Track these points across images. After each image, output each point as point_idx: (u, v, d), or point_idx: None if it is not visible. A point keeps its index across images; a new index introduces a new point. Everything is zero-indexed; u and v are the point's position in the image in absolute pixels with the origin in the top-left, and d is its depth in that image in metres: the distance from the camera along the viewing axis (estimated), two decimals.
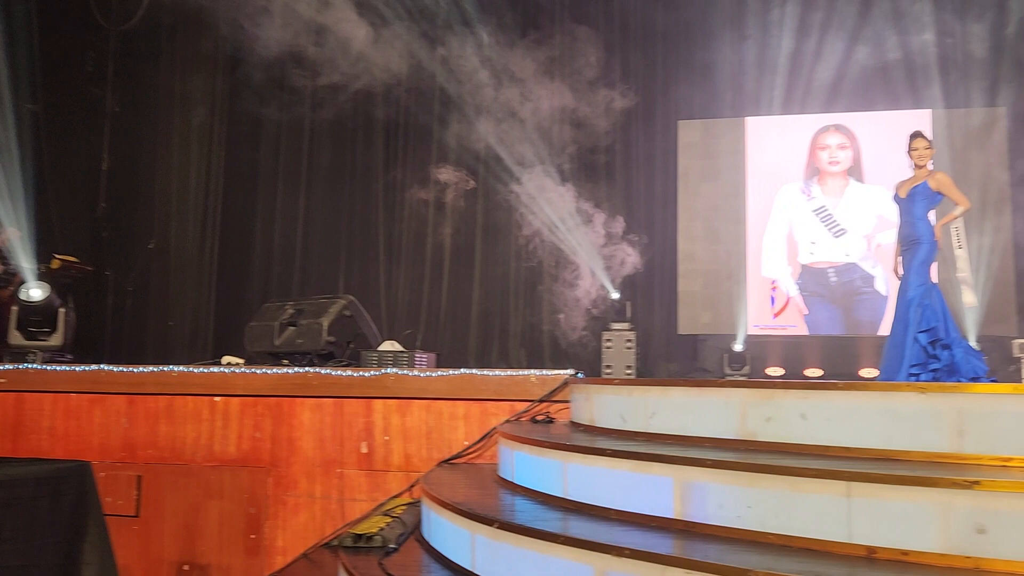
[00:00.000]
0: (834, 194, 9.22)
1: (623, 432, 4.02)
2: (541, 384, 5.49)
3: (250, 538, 5.88)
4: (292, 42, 9.46)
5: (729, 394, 3.55)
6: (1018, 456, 2.91)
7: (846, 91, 9.22)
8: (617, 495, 3.37)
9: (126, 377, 6.24)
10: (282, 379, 5.95)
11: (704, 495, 3.06)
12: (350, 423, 5.78)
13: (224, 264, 10.22)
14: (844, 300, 9.05)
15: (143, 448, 6.13)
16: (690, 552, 2.77)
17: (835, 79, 9.21)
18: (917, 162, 5.27)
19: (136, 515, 6.05)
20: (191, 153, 10.22)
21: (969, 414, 3.02)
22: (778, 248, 9.23)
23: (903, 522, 2.64)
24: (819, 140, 9.33)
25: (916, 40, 9.04)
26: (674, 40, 9.63)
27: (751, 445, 3.42)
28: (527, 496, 3.94)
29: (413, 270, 9.96)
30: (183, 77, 10.31)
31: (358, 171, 10.24)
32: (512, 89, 9.60)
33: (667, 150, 9.65)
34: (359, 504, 5.60)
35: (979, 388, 3.26)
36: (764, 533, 2.87)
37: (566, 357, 9.32)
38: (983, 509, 2.55)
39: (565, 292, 9.59)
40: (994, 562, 2.51)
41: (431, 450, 5.59)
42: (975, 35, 8.92)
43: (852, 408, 3.22)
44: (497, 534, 3.26)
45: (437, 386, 5.67)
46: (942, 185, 5.17)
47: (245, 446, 5.95)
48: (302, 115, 10.02)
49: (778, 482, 2.88)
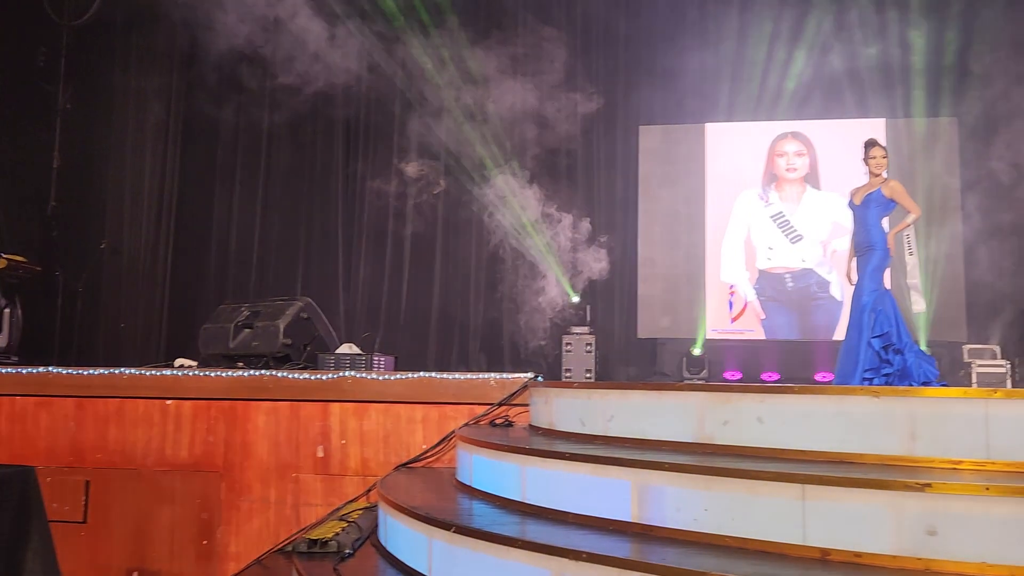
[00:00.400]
0: (791, 200, 9.36)
1: (582, 436, 4.01)
2: (500, 387, 5.47)
3: (202, 544, 5.77)
4: (249, 40, 9.33)
5: (687, 398, 3.57)
6: (968, 459, 2.96)
7: (804, 99, 9.38)
8: (575, 498, 3.36)
9: (75, 380, 6.08)
10: (236, 382, 5.84)
11: (661, 498, 3.07)
12: (306, 427, 5.70)
13: (178, 265, 10.05)
14: (800, 305, 9.18)
15: (91, 452, 5.97)
16: (647, 555, 2.77)
17: (793, 87, 9.36)
18: (873, 170, 5.35)
19: (83, 521, 5.89)
20: (145, 151, 10.03)
21: (920, 417, 3.06)
22: (736, 253, 9.34)
23: (856, 524, 2.66)
24: (777, 147, 9.46)
25: (872, 51, 9.23)
26: (635, 46, 9.70)
27: (708, 448, 3.43)
28: (485, 500, 3.92)
29: (372, 272, 9.89)
30: (137, 74, 10.12)
31: (317, 171, 10.14)
32: (473, 90, 9.60)
33: (628, 155, 9.72)
34: (314, 509, 5.52)
35: (930, 392, 3.32)
36: (721, 536, 2.88)
37: (526, 360, 9.32)
38: (934, 511, 2.58)
39: (526, 295, 9.59)
40: (944, 563, 2.54)
41: (389, 454, 5.53)
42: (929, 47, 9.13)
43: (807, 412, 3.25)
44: (454, 538, 3.23)
45: (395, 389, 5.62)
46: (895, 192, 5.26)
47: (198, 450, 5.84)
48: (260, 114, 9.90)
49: (735, 485, 2.90)
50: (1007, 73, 8.60)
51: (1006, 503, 2.53)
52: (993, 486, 2.58)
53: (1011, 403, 3.03)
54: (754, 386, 3.52)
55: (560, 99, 9.62)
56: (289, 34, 9.65)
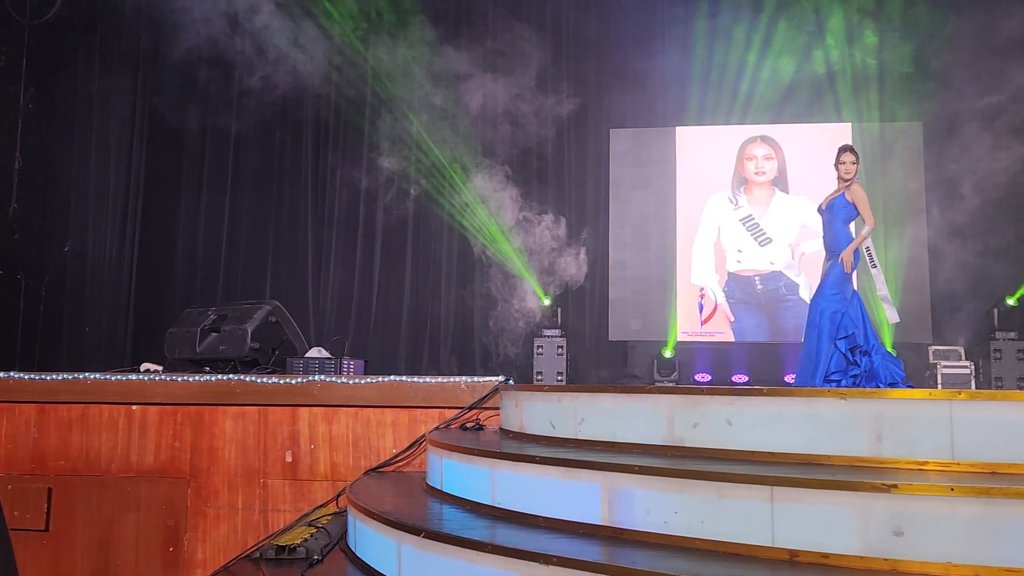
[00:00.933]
0: (760, 204, 9.44)
1: (552, 439, 4.01)
2: (471, 391, 5.45)
3: (168, 551, 5.68)
4: (215, 41, 9.25)
5: (657, 400, 3.58)
6: (933, 460, 3.00)
7: (773, 104, 9.48)
8: (546, 502, 3.35)
9: (37, 385, 5.96)
10: (203, 387, 5.76)
11: (632, 501, 3.07)
12: (274, 432, 5.64)
13: (144, 268, 9.91)
14: (769, 307, 9.26)
15: (54, 459, 5.86)
16: (617, 559, 2.77)
17: (762, 92, 9.46)
18: (842, 175, 5.39)
19: (46, 529, 5.78)
20: (110, 152, 9.88)
21: (887, 419, 3.10)
22: (706, 256, 9.41)
23: (824, 525, 2.68)
24: (746, 151, 9.54)
25: (840, 56, 9.35)
26: (606, 50, 9.74)
27: (678, 451, 3.44)
28: (455, 504, 3.90)
29: (342, 275, 9.83)
30: (101, 74, 9.97)
31: (285, 173, 10.05)
32: (443, 92, 9.58)
33: (599, 158, 9.75)
34: (283, 515, 5.47)
35: (896, 394, 3.35)
36: (691, 538, 2.89)
37: (498, 364, 9.32)
38: (900, 512, 2.61)
39: (497, 298, 9.59)
40: (910, 563, 2.57)
41: (358, 458, 5.49)
42: (894, 52, 9.27)
43: (776, 414, 3.27)
44: (424, 543, 3.21)
45: (365, 393, 5.57)
46: (856, 197, 5.29)
47: (163, 456, 5.75)
48: (227, 115, 9.80)
49: (704, 488, 2.90)
50: (968, 77, 8.75)
51: (970, 503, 2.56)
52: (958, 487, 2.61)
53: (975, 404, 3.07)
54: (723, 389, 3.53)
55: (531, 102, 9.63)
56: (255, 35, 9.57)
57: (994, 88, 8.59)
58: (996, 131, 8.54)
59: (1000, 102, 8.55)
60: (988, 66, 8.63)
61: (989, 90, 8.62)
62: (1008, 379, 8.19)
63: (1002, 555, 2.49)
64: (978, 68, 8.70)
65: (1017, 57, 8.60)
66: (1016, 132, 8.52)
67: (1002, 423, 3.00)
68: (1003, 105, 8.55)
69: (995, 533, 2.52)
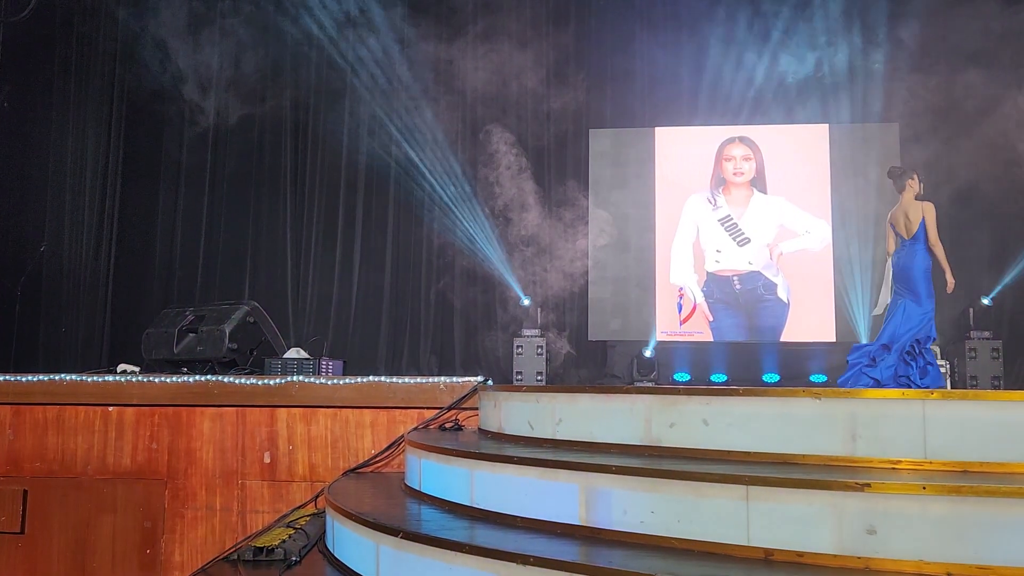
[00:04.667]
0: (739, 204, 9.49)
1: (531, 439, 4.02)
2: (450, 391, 5.45)
3: (145, 553, 5.64)
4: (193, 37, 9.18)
5: (634, 400, 3.59)
6: (906, 459, 3.03)
7: (751, 105, 9.53)
8: (524, 502, 3.36)
9: (12, 386, 5.90)
10: (181, 388, 5.73)
11: (609, 501, 3.08)
12: (252, 433, 5.61)
13: (121, 268, 9.81)
14: (748, 307, 9.32)
15: (30, 461, 5.81)
16: (594, 558, 2.78)
17: (741, 93, 9.51)
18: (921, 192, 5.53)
19: (21, 532, 5.73)
20: (86, 152, 9.77)
21: (861, 418, 3.13)
22: (685, 256, 9.45)
23: (799, 524, 2.71)
24: (725, 151, 9.59)
25: (817, 57, 9.42)
26: (586, 50, 9.76)
27: (656, 451, 3.46)
28: (434, 505, 3.90)
29: (321, 276, 9.77)
30: (77, 71, 9.85)
31: (264, 172, 9.99)
32: (423, 93, 9.56)
33: (578, 157, 9.77)
34: (261, 516, 5.45)
35: (870, 393, 3.39)
36: (667, 538, 2.91)
37: (478, 364, 9.31)
38: (873, 510, 2.64)
39: (477, 298, 9.58)
40: (883, 561, 2.60)
41: (337, 459, 5.47)
42: (871, 52, 9.35)
43: (751, 413, 3.30)
44: (402, 544, 3.21)
45: (344, 394, 5.56)
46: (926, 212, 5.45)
47: (140, 458, 5.71)
48: (206, 113, 9.71)
49: (680, 487, 2.92)
50: (945, 76, 8.83)
51: (942, 502, 2.59)
52: (930, 485, 2.64)
53: (947, 404, 3.11)
54: (700, 389, 3.55)
55: (510, 102, 9.64)
56: (234, 30, 9.52)
57: (970, 90, 8.68)
58: (971, 132, 8.62)
59: (976, 104, 8.64)
60: (963, 67, 8.72)
61: (964, 92, 8.71)
62: (983, 378, 8.28)
63: (973, 552, 2.53)
64: (954, 66, 8.78)
65: (992, 58, 8.71)
66: (991, 132, 8.60)
67: (973, 422, 3.04)
68: (979, 106, 8.64)
69: (966, 531, 2.56)
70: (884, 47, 9.29)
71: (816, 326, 9.15)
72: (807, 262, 9.28)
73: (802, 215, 9.35)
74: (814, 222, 9.33)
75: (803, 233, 9.33)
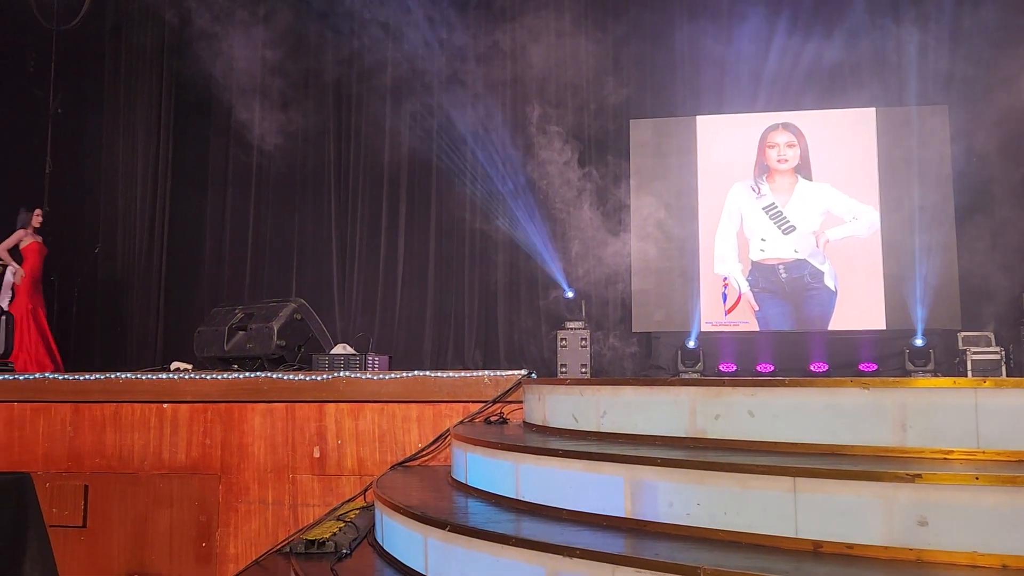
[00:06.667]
0: (783, 192, 9.36)
1: (575, 432, 4.01)
2: (494, 385, 5.46)
3: (201, 546, 5.76)
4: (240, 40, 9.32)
5: (678, 392, 3.56)
6: (959, 448, 2.96)
7: (794, 90, 9.37)
8: (569, 495, 3.36)
9: (71, 385, 6.07)
10: (232, 384, 5.83)
11: (654, 493, 3.06)
12: (302, 428, 5.69)
13: (173, 268, 10.03)
14: (794, 296, 9.19)
15: (89, 457, 5.97)
16: (640, 551, 2.77)
17: (784, 79, 9.36)
18: None
19: (83, 526, 5.89)
20: (137, 154, 10.01)
21: (911, 408, 3.06)
22: (729, 245, 9.35)
23: (848, 516, 2.66)
24: (768, 138, 9.46)
25: (862, 40, 9.23)
26: (626, 39, 9.68)
27: (701, 443, 3.43)
28: (480, 498, 3.91)
29: (366, 272, 9.88)
30: (128, 77, 10.09)
31: (309, 171, 10.13)
32: (463, 86, 9.59)
33: (620, 148, 9.71)
34: (312, 509, 5.52)
35: (920, 383, 3.31)
36: (713, 530, 2.88)
37: (522, 357, 9.33)
38: (925, 502, 2.58)
39: (520, 291, 9.60)
40: (935, 553, 2.54)
41: (384, 453, 5.53)
42: (918, 34, 9.13)
43: (798, 404, 3.25)
44: (449, 537, 3.23)
45: (390, 389, 5.61)
46: None
47: (195, 453, 5.83)
48: (251, 114, 9.86)
49: (726, 479, 2.89)
50: (996, 58, 8.59)
51: (996, 492, 2.53)
52: (983, 475, 2.58)
53: (1001, 392, 3.03)
54: (745, 380, 3.51)
55: (551, 94, 9.62)
56: (280, 32, 9.64)
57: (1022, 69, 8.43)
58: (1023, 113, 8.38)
59: None
60: (1014, 46, 8.47)
61: (1016, 71, 8.46)
62: None
63: None
64: (1005, 48, 8.54)
65: None
66: None
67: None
68: None
69: (1022, 522, 2.49)
70: (932, 26, 9.07)
71: (865, 314, 8.99)
72: (855, 249, 9.11)
73: (849, 201, 9.19)
74: (861, 208, 9.16)
75: (850, 219, 9.17)
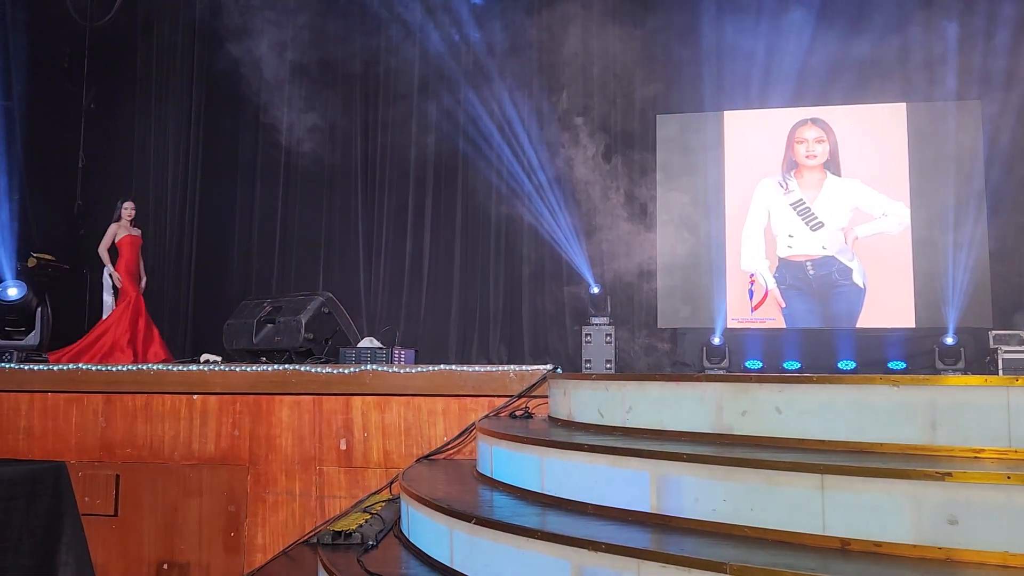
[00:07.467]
0: (811, 187, 9.27)
1: (600, 427, 4.01)
2: (520, 379, 5.48)
3: (230, 536, 5.84)
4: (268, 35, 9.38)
5: (705, 388, 3.55)
6: (989, 447, 2.93)
7: (823, 85, 9.26)
8: (594, 490, 3.36)
9: (103, 376, 6.17)
10: (260, 376, 5.90)
11: (680, 489, 3.06)
12: (329, 420, 5.75)
13: (202, 261, 10.13)
14: (821, 293, 9.10)
15: (121, 447, 6.07)
16: (666, 546, 2.77)
17: (813, 73, 9.24)
18: None
19: (115, 514, 5.99)
20: (168, 149, 10.12)
21: (941, 406, 3.03)
22: (756, 241, 9.27)
23: (876, 514, 2.64)
24: (796, 134, 9.37)
25: (892, 34, 9.09)
26: (652, 34, 9.62)
27: (727, 439, 3.42)
28: (505, 491, 3.93)
29: (393, 266, 9.92)
30: (159, 72, 10.20)
31: (337, 166, 10.18)
32: (490, 80, 9.59)
33: (646, 144, 9.66)
34: (338, 501, 5.58)
35: (951, 380, 3.27)
36: (739, 526, 2.87)
37: (547, 352, 9.33)
38: (954, 500, 2.56)
39: (546, 286, 9.59)
40: (965, 552, 2.52)
41: (410, 446, 5.57)
42: (951, 29, 8.98)
43: (826, 401, 3.22)
44: (475, 530, 3.25)
45: (416, 382, 5.65)
46: None
47: (224, 444, 5.91)
48: (279, 109, 9.94)
49: (753, 475, 2.88)
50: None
51: None
52: (1015, 474, 2.55)
53: None
54: (772, 376, 3.49)
55: (577, 89, 9.59)
56: (308, 26, 9.70)
57: None
58: None
59: None
60: None
61: None
62: None
63: None
64: None
65: None
66: None
67: None
68: None
69: None
70: (965, 20, 8.91)
71: (894, 312, 8.89)
72: (884, 246, 9.01)
73: (878, 198, 9.08)
74: (891, 204, 9.05)
75: (880, 216, 9.06)
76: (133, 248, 7.76)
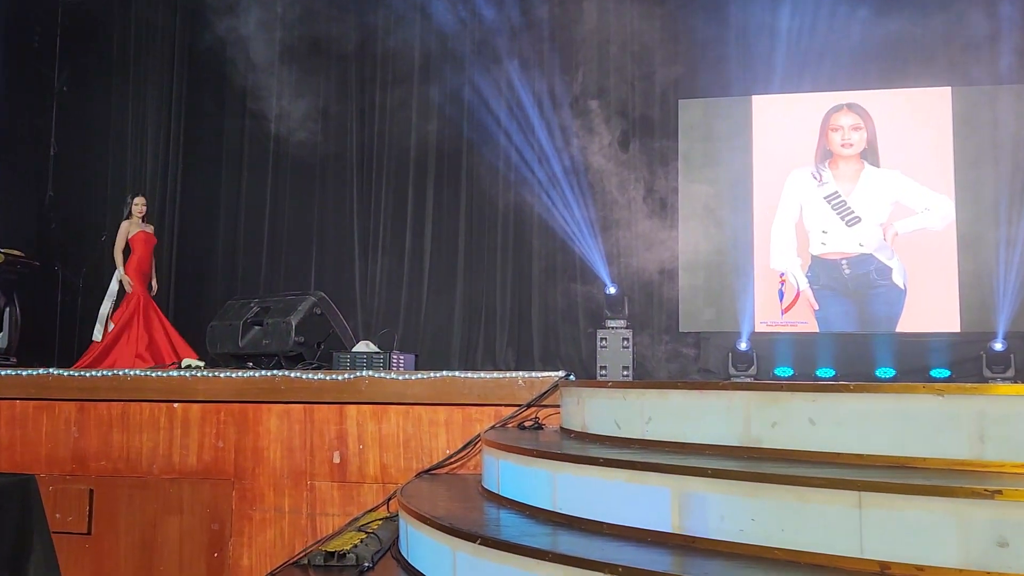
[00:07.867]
0: (847, 179, 9.25)
1: (617, 439, 4.01)
2: (529, 387, 5.48)
3: (213, 556, 5.85)
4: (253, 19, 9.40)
5: (731, 397, 3.55)
6: None
7: (860, 67, 9.24)
8: (611, 507, 3.36)
9: (76, 382, 6.19)
10: (247, 383, 5.91)
11: (704, 507, 3.06)
12: (321, 431, 5.75)
13: (184, 258, 10.16)
14: (858, 294, 9.09)
15: (95, 459, 6.08)
16: (688, 569, 2.77)
17: (849, 55, 9.22)
18: None
19: (88, 532, 6.00)
20: (147, 136, 10.15)
21: (990, 417, 3.02)
22: (787, 238, 9.26)
23: (919, 535, 2.64)
24: (831, 120, 9.36)
25: (936, 13, 9.06)
26: (674, 12, 9.61)
27: (755, 452, 3.41)
28: (513, 509, 3.93)
29: (391, 264, 9.94)
30: (137, 53, 10.23)
31: (330, 155, 10.20)
32: (498, 65, 9.59)
33: (667, 131, 9.65)
34: (331, 519, 5.58)
35: (1001, 389, 3.26)
36: (769, 548, 2.87)
37: (558, 357, 9.33)
38: (1005, 520, 2.55)
39: (557, 286, 9.59)
40: None
41: (409, 459, 5.57)
42: (1002, 5, 8.94)
43: (864, 412, 3.22)
44: (480, 551, 3.25)
45: (416, 390, 5.65)
46: None
47: (207, 456, 5.92)
48: (268, 96, 9.96)
49: (784, 492, 2.88)
50: None
51: None
52: None
53: None
54: (805, 384, 3.48)
55: (593, 74, 9.59)
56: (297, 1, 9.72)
57: None
58: None
59: None
60: None
61: None
62: None
63: None
64: None
65: None
66: None
67: None
68: None
69: None
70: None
71: (937, 315, 8.87)
72: (927, 243, 8.99)
73: (920, 190, 9.06)
74: (934, 198, 9.02)
75: (922, 211, 9.04)
76: (146, 246, 7.86)
